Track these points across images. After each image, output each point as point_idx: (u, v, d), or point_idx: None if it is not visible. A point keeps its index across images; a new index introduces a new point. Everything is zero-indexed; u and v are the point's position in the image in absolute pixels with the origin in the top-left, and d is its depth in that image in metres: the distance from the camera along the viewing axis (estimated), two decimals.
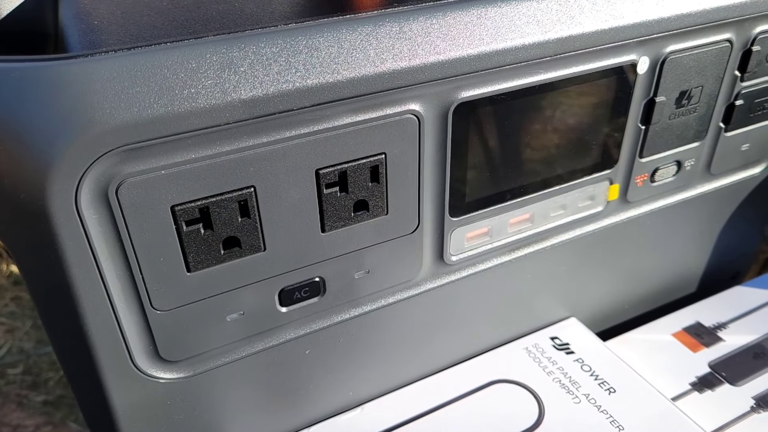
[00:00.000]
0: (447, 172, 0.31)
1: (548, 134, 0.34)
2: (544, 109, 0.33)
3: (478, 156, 0.32)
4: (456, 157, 0.31)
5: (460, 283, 0.36)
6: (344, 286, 0.32)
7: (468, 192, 0.33)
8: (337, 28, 0.26)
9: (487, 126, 0.31)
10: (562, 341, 0.41)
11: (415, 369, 0.38)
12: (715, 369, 0.41)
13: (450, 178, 0.32)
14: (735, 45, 0.37)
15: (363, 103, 0.27)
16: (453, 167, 0.31)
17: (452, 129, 0.30)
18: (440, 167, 0.31)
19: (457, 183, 0.32)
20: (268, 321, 0.31)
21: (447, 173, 0.31)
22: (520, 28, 0.29)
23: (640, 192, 0.40)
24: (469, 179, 0.32)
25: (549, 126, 0.34)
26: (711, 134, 0.41)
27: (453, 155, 0.31)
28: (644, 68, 0.35)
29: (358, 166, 0.28)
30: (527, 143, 0.33)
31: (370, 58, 0.26)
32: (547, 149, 0.34)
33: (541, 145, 0.34)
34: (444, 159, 0.31)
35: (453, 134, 0.30)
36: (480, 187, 0.33)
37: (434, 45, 0.28)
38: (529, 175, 0.35)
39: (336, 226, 0.29)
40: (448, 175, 0.32)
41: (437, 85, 0.29)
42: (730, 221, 0.48)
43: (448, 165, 0.31)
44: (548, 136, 0.34)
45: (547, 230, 0.38)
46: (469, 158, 0.32)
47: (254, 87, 0.24)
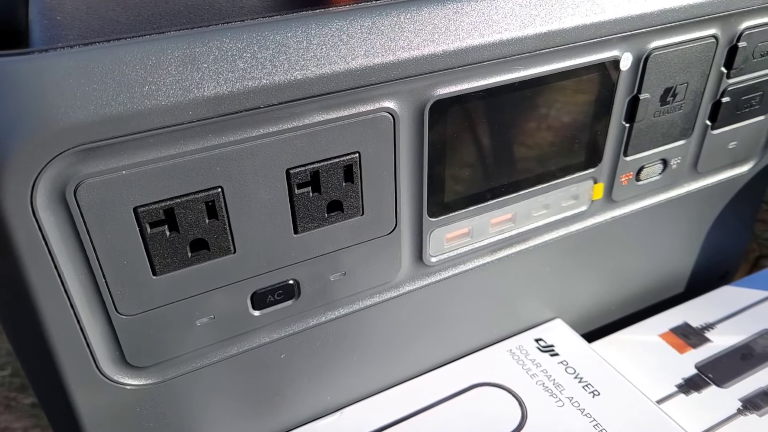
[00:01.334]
0: (424, 172, 0.31)
1: (529, 132, 0.33)
2: (524, 107, 0.32)
3: (456, 155, 0.31)
4: (433, 156, 0.30)
5: (441, 284, 0.35)
6: (319, 288, 0.31)
7: (447, 192, 0.32)
8: (306, 23, 0.25)
9: (465, 124, 0.30)
10: (546, 343, 0.41)
11: (395, 372, 0.37)
12: (701, 370, 0.41)
13: (428, 178, 0.31)
14: (720, 41, 0.37)
15: (334, 101, 0.26)
16: (431, 166, 0.31)
17: (429, 127, 0.29)
18: (417, 166, 0.30)
19: (435, 183, 0.31)
20: (241, 325, 0.30)
21: (424, 173, 0.31)
22: (497, 24, 0.28)
23: (625, 191, 0.39)
24: (448, 179, 0.32)
25: (530, 124, 0.33)
26: (697, 132, 0.40)
27: (430, 154, 0.30)
28: (627, 65, 0.34)
29: (331, 165, 0.28)
30: (507, 142, 0.33)
31: (341, 55, 0.25)
32: (529, 148, 0.34)
33: (522, 143, 0.33)
34: (421, 158, 0.30)
35: (430, 133, 0.30)
36: (459, 186, 0.32)
37: (408, 41, 0.27)
38: (510, 174, 0.34)
39: (309, 228, 0.29)
40: (425, 174, 0.31)
41: (412, 82, 0.28)
42: (718, 220, 0.47)
43: (426, 164, 0.30)
44: (529, 134, 0.33)
45: (529, 230, 0.37)
46: (448, 157, 0.31)
47: (218, 84, 0.23)
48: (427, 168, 0.31)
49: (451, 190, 0.32)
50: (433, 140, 0.30)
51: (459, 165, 0.32)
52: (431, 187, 0.31)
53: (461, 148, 0.31)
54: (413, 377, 0.38)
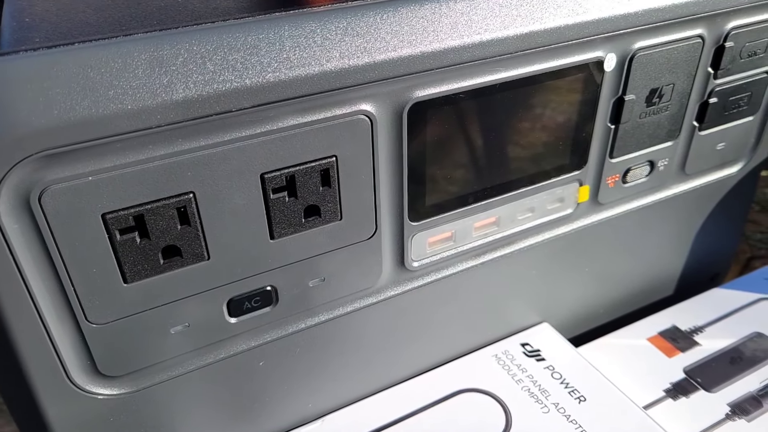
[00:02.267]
0: (404, 176, 0.30)
1: (512, 135, 0.33)
2: (506, 109, 0.31)
3: (437, 158, 0.31)
4: (413, 160, 0.30)
5: (424, 289, 0.35)
6: (298, 294, 0.30)
7: (428, 195, 0.32)
8: (279, 24, 0.24)
9: (445, 126, 0.30)
10: (533, 348, 0.40)
11: (378, 379, 0.37)
12: (690, 375, 0.40)
13: (408, 182, 0.30)
14: (707, 41, 0.36)
15: (310, 104, 0.26)
16: (411, 170, 0.30)
17: (408, 130, 0.29)
18: (397, 170, 0.30)
19: (415, 186, 0.31)
20: (217, 333, 0.29)
21: (404, 176, 0.30)
22: (477, 24, 0.28)
23: (612, 193, 0.39)
24: (429, 182, 0.31)
25: (512, 126, 0.32)
26: (684, 133, 0.40)
27: (410, 157, 0.30)
28: (611, 65, 0.33)
29: (307, 169, 0.27)
30: (490, 144, 0.32)
31: (316, 57, 0.25)
32: (512, 150, 0.33)
33: (504, 146, 0.33)
34: (400, 161, 0.30)
35: (409, 135, 0.29)
36: (441, 190, 0.32)
37: (385, 42, 0.26)
38: (493, 177, 0.33)
39: (286, 233, 0.28)
40: (405, 178, 0.30)
41: (390, 85, 0.27)
42: (707, 222, 0.46)
43: (405, 168, 0.30)
44: (512, 136, 0.33)
45: (514, 234, 0.36)
46: (428, 160, 0.30)
47: (187, 87, 0.23)
48: (407, 172, 0.30)
49: (432, 193, 0.32)
50: (413, 143, 0.29)
51: (440, 168, 0.31)
52: (412, 191, 0.31)
53: (442, 151, 0.31)
54: (396, 383, 0.37)
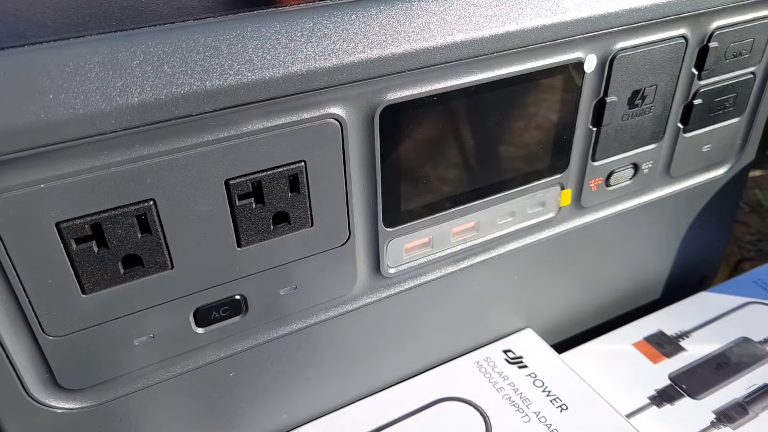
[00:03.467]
0: (378, 181, 0.29)
1: (490, 138, 0.32)
2: (483, 112, 0.31)
3: (411, 162, 0.30)
4: (387, 164, 0.29)
5: (402, 296, 0.34)
6: (269, 303, 0.29)
7: (403, 201, 0.31)
8: (241, 25, 0.23)
9: (419, 130, 0.29)
10: (515, 354, 0.39)
11: (355, 388, 0.36)
12: (675, 381, 0.39)
13: (382, 187, 0.29)
14: (690, 41, 0.35)
15: (275, 107, 0.25)
16: (384, 175, 0.29)
17: (380, 134, 0.28)
18: (370, 175, 0.29)
19: (390, 191, 0.30)
20: (184, 343, 0.28)
21: (378, 181, 0.29)
22: (450, 25, 0.27)
23: (595, 197, 0.38)
24: (404, 187, 0.30)
25: (490, 129, 0.31)
26: (669, 135, 0.39)
27: (383, 162, 0.29)
28: (592, 66, 0.32)
29: (274, 175, 0.26)
30: (467, 148, 0.31)
31: (280, 59, 0.24)
32: (490, 154, 0.32)
33: (482, 149, 0.32)
34: (373, 166, 0.29)
35: (382, 139, 0.28)
36: (416, 195, 0.31)
37: (354, 43, 0.25)
38: (471, 181, 0.32)
39: (254, 240, 0.27)
40: (379, 183, 0.29)
41: (359, 87, 0.26)
42: (693, 225, 0.46)
43: (379, 173, 0.29)
44: (490, 139, 0.32)
45: (494, 239, 0.36)
46: (402, 165, 0.29)
47: (143, 91, 0.22)
48: (381, 176, 0.29)
49: (407, 198, 0.31)
50: (386, 147, 0.28)
51: (415, 173, 0.30)
52: (386, 196, 0.30)
53: (417, 155, 0.30)
54: (374, 392, 0.37)
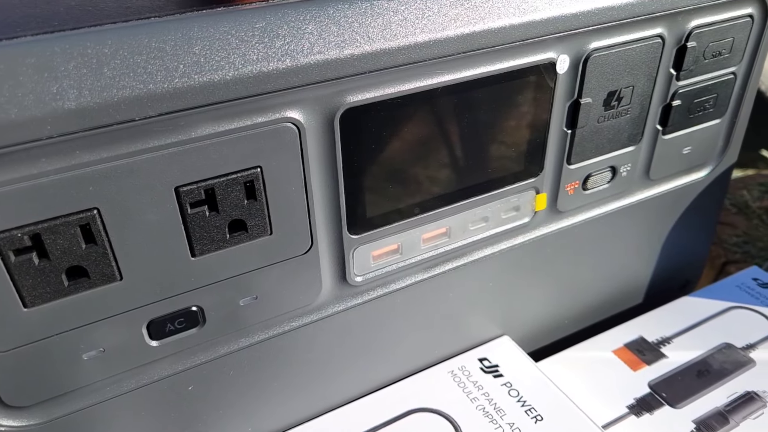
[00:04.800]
0: (341, 186, 0.28)
1: (459, 141, 0.31)
2: (451, 114, 0.30)
3: (376, 167, 0.29)
4: (350, 169, 0.28)
5: (371, 305, 0.33)
6: (228, 314, 0.28)
7: (368, 207, 0.30)
8: (188, 25, 0.22)
9: (384, 134, 0.28)
10: (491, 363, 0.38)
11: (323, 400, 0.35)
12: (655, 389, 0.39)
13: (345, 193, 0.28)
14: (667, 41, 0.34)
15: (227, 111, 0.24)
16: (347, 180, 0.28)
17: (342, 138, 0.27)
18: (332, 181, 0.28)
19: (354, 198, 0.29)
20: (137, 357, 0.27)
21: (341, 187, 0.28)
22: (412, 24, 0.26)
23: (572, 201, 0.37)
24: (369, 193, 0.29)
25: (459, 132, 0.30)
26: (647, 137, 0.38)
27: (346, 167, 0.28)
28: (564, 67, 0.31)
29: (228, 182, 0.25)
30: (435, 152, 0.30)
31: (230, 60, 0.23)
32: (460, 157, 0.31)
33: (451, 153, 0.31)
34: (335, 171, 0.28)
35: (343, 144, 0.27)
36: (382, 200, 0.30)
37: (309, 44, 0.24)
38: (440, 186, 0.31)
39: (209, 250, 0.26)
40: (342, 189, 0.28)
41: (317, 90, 0.25)
42: (675, 228, 0.45)
43: (341, 178, 0.28)
44: (459, 143, 0.31)
45: (467, 245, 0.35)
46: (366, 170, 0.28)
47: (81, 94, 0.21)
48: (344, 182, 0.28)
49: (373, 204, 0.30)
50: (348, 152, 0.27)
51: (380, 178, 0.29)
52: (350, 203, 0.29)
53: (381, 159, 0.29)
54: (343, 404, 0.35)
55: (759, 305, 0.45)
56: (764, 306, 0.45)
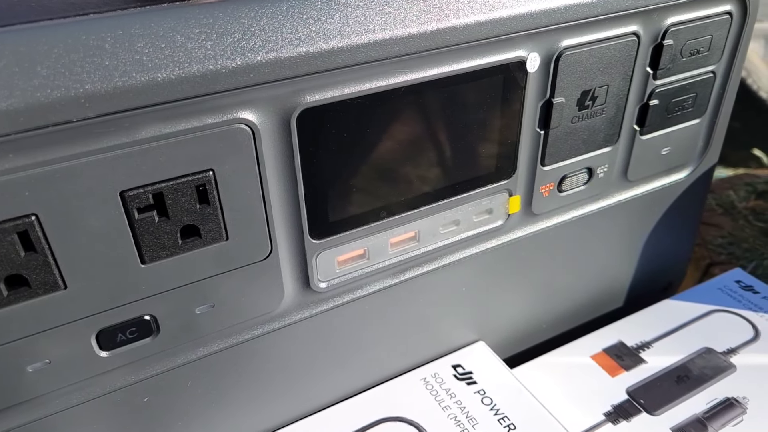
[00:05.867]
0: (300, 190, 0.27)
1: (426, 142, 0.30)
2: (416, 114, 0.28)
3: (338, 170, 0.28)
4: (309, 172, 0.27)
5: (337, 311, 0.32)
6: (183, 323, 0.27)
7: (331, 211, 0.29)
8: (128, 22, 0.21)
9: (345, 135, 0.27)
10: (464, 369, 0.37)
11: (288, 410, 0.34)
12: (633, 396, 0.38)
13: (306, 197, 0.27)
14: (643, 39, 0.33)
15: (172, 112, 0.23)
16: (307, 184, 0.27)
17: (299, 140, 0.26)
18: (291, 184, 0.27)
19: (315, 201, 0.28)
20: (87, 368, 0.26)
21: (300, 191, 0.27)
22: (371, 21, 0.25)
23: (547, 203, 0.36)
24: (331, 196, 0.28)
25: (426, 133, 0.29)
26: (624, 138, 0.37)
27: (305, 170, 0.27)
28: (535, 66, 0.30)
29: (178, 185, 0.24)
30: (401, 153, 0.29)
31: (174, 58, 0.22)
32: (427, 159, 0.30)
33: (418, 155, 0.30)
34: (294, 174, 0.27)
35: (302, 146, 0.26)
36: (346, 204, 0.29)
37: (261, 41, 0.23)
38: (407, 189, 0.30)
39: (160, 257, 0.25)
40: (302, 193, 0.27)
41: (271, 89, 0.24)
42: (655, 231, 0.44)
43: (301, 182, 0.27)
44: (426, 144, 0.30)
45: (438, 249, 0.34)
46: (327, 173, 0.27)
47: (12, 95, 0.20)
48: (303, 185, 0.27)
49: (336, 208, 0.29)
50: (307, 154, 0.26)
51: (343, 181, 0.28)
52: (311, 207, 0.28)
53: (343, 162, 0.28)
54: (310, 414, 0.34)
55: (741, 308, 0.44)
56: (747, 309, 0.44)
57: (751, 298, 0.45)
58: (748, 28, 0.37)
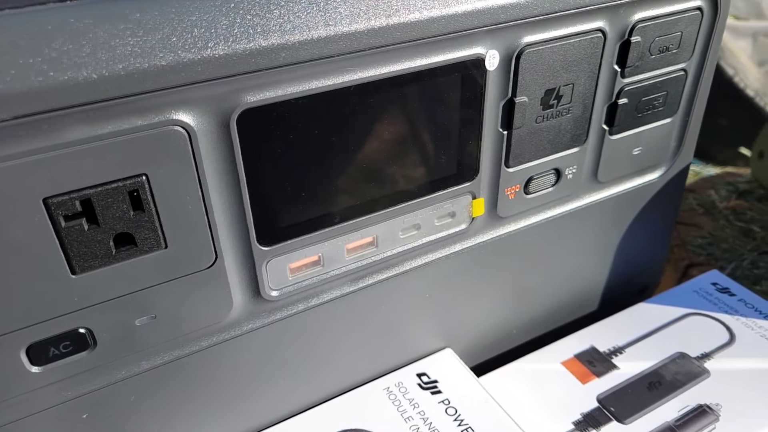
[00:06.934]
0: (245, 195, 0.26)
1: (381, 144, 0.28)
2: (370, 114, 0.27)
3: (285, 173, 0.26)
4: (254, 176, 0.26)
5: (291, 320, 0.31)
6: (122, 336, 0.26)
7: (280, 216, 0.27)
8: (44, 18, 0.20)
9: (292, 137, 0.26)
10: (430, 378, 0.36)
11: (242, 423, 0.32)
12: (603, 403, 0.36)
13: (251, 202, 0.26)
14: (609, 35, 0.32)
15: (97, 113, 0.21)
16: (252, 188, 0.26)
17: (241, 142, 0.24)
18: (235, 189, 0.26)
19: (262, 206, 0.26)
20: (16, 385, 0.24)
21: (245, 196, 0.26)
22: (315, 16, 0.24)
23: (513, 206, 0.35)
24: (279, 201, 0.27)
25: (381, 134, 0.28)
26: (593, 138, 0.36)
27: (249, 174, 0.25)
28: (494, 64, 0.29)
29: (108, 191, 0.23)
30: (354, 155, 0.28)
31: (95, 56, 0.20)
32: (383, 161, 0.29)
33: (373, 156, 0.28)
34: (237, 179, 0.25)
35: (244, 149, 0.25)
36: (296, 209, 0.28)
37: (193, 37, 0.22)
38: (362, 192, 0.29)
39: (92, 266, 0.24)
40: (246, 198, 0.26)
41: (207, 89, 0.23)
42: (629, 232, 0.43)
43: (245, 186, 0.25)
44: (382, 146, 0.28)
45: (398, 254, 0.32)
46: (274, 176, 0.26)
47: None
48: (248, 190, 0.26)
49: (285, 213, 0.27)
50: (251, 158, 0.25)
51: (292, 185, 0.27)
52: (258, 212, 0.26)
53: (291, 164, 0.26)
54: (266, 427, 0.33)
55: (717, 311, 0.43)
56: (722, 312, 0.43)
57: (727, 300, 0.44)
58: (720, 25, 0.36)
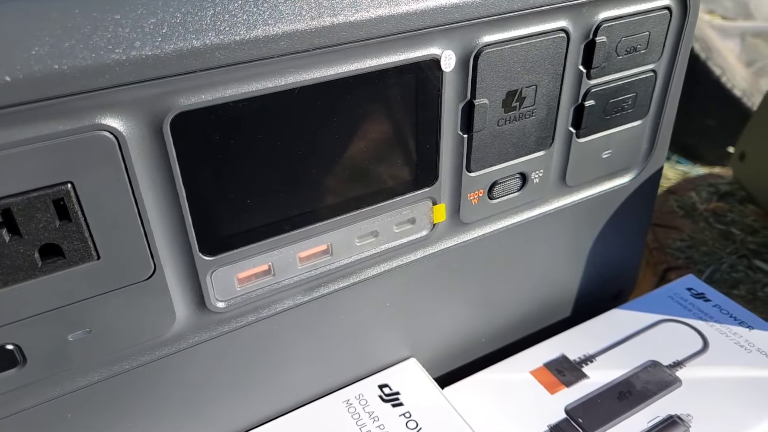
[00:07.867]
0: (183, 203, 0.24)
1: (332, 148, 0.27)
2: (320, 118, 0.26)
3: (228, 179, 0.25)
4: (192, 183, 0.24)
5: (240, 332, 0.29)
6: (54, 352, 0.24)
7: (223, 224, 0.26)
8: None
9: (234, 141, 0.24)
10: (391, 390, 0.35)
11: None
12: (571, 415, 0.35)
13: (191, 210, 0.25)
14: (573, 35, 0.31)
15: (13, 118, 0.20)
16: (191, 195, 0.24)
17: (176, 148, 0.23)
18: (172, 197, 0.24)
19: (202, 214, 0.25)
20: None
21: (183, 204, 0.24)
22: (252, 14, 0.22)
23: (477, 211, 0.34)
24: (221, 209, 0.26)
25: (331, 138, 0.27)
26: (560, 141, 0.35)
27: (187, 181, 0.24)
28: (451, 65, 0.28)
29: (29, 201, 0.21)
30: (303, 160, 0.27)
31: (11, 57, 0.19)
32: (334, 166, 0.28)
33: (322, 162, 0.27)
34: (173, 185, 0.24)
35: (179, 155, 0.23)
36: (241, 216, 0.26)
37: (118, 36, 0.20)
38: (313, 198, 0.28)
39: (16, 279, 0.22)
40: (185, 205, 0.25)
41: (135, 91, 0.22)
42: (601, 237, 0.42)
43: (183, 193, 0.24)
44: (333, 150, 0.27)
45: (355, 262, 0.31)
46: (214, 183, 0.25)
47: None
48: (187, 198, 0.24)
49: (229, 221, 0.26)
50: (187, 163, 0.24)
51: (234, 191, 0.25)
52: (198, 220, 0.25)
53: (233, 170, 0.25)
54: None
55: (691, 317, 0.42)
56: (696, 318, 0.42)
57: (702, 306, 0.43)
58: (690, 25, 0.35)
